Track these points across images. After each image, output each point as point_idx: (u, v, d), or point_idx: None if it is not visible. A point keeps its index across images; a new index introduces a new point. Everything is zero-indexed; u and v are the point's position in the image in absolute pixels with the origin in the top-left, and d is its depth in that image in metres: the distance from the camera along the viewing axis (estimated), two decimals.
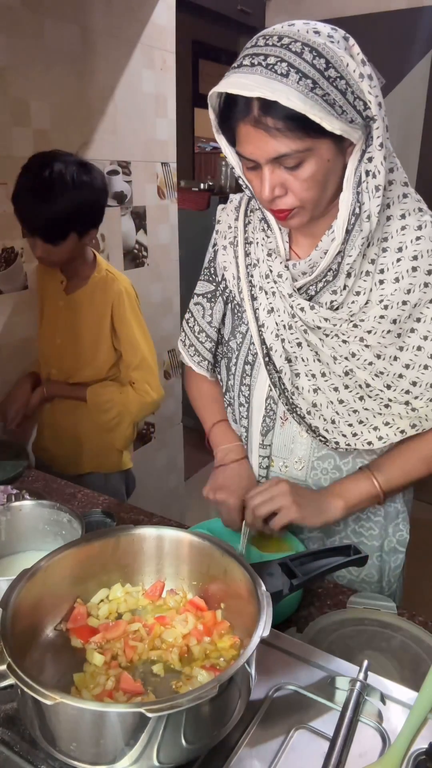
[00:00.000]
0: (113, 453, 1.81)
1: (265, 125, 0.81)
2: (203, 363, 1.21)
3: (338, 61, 0.80)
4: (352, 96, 0.81)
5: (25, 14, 1.70)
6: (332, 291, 0.97)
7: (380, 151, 0.86)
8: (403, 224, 0.94)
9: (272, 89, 0.78)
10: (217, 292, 1.16)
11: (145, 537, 0.87)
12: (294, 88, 0.78)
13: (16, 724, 0.74)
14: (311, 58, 0.79)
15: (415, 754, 0.67)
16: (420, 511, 2.92)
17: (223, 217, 1.13)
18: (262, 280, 1.03)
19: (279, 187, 0.87)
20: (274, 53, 0.80)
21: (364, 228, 0.90)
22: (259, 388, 1.09)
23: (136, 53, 2.12)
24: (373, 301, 0.95)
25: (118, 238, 2.23)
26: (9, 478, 1.44)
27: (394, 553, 1.17)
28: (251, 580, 0.75)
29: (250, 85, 0.79)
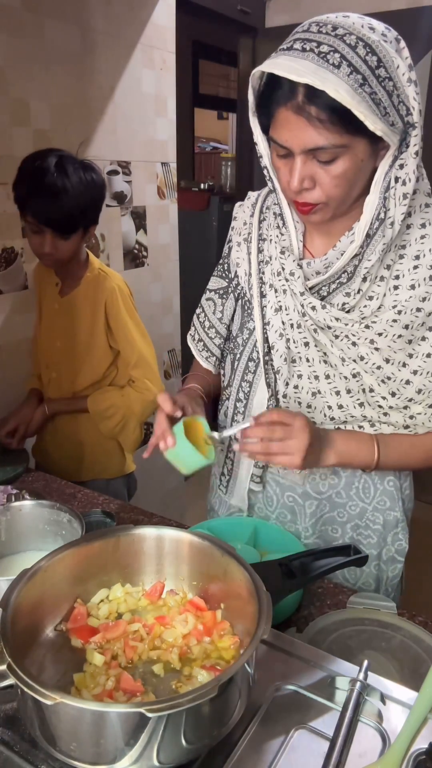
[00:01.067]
0: (116, 458, 1.79)
1: (307, 113, 0.79)
2: (211, 359, 1.21)
3: (389, 62, 0.80)
4: (397, 99, 0.81)
5: (25, 14, 1.70)
6: (345, 293, 0.96)
7: (414, 159, 0.85)
8: (423, 233, 0.93)
9: (322, 78, 0.76)
10: (229, 289, 1.15)
11: (145, 537, 0.87)
12: (344, 80, 0.77)
13: (16, 724, 0.74)
14: (364, 54, 0.78)
15: (415, 754, 0.67)
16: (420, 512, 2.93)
17: (239, 214, 1.12)
18: (273, 277, 1.03)
19: (308, 179, 0.86)
20: (327, 42, 0.78)
21: (387, 234, 0.90)
22: (262, 386, 1.08)
23: (136, 53, 2.12)
24: (386, 306, 0.94)
25: (118, 238, 2.23)
26: (9, 478, 1.44)
27: (392, 562, 1.16)
28: (251, 580, 0.75)
29: (300, 69, 0.77)
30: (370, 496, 1.12)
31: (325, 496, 1.11)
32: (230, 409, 1.16)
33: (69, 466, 1.74)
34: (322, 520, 1.13)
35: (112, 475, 1.81)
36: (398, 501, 1.13)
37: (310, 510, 1.12)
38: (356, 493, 1.11)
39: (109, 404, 1.66)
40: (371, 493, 1.11)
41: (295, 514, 1.14)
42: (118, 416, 1.67)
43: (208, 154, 4.35)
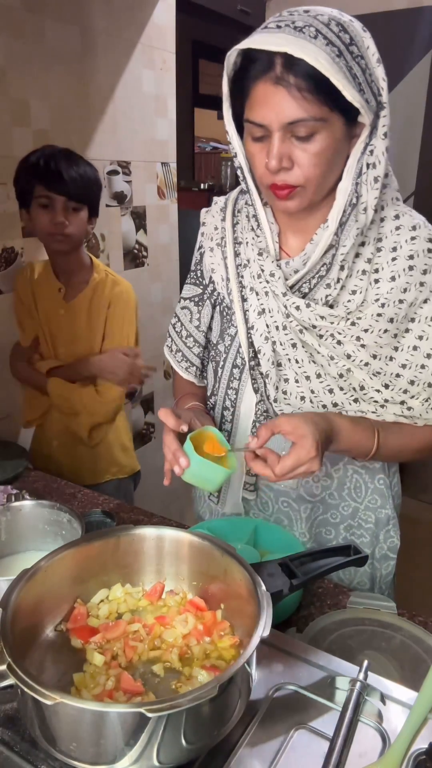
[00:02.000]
0: (124, 458, 1.80)
1: (286, 83, 0.80)
2: (191, 369, 1.18)
3: (360, 41, 0.81)
4: (369, 77, 0.82)
5: (25, 14, 1.70)
6: (326, 285, 0.95)
7: (383, 141, 0.86)
8: (397, 224, 0.94)
9: (300, 47, 0.77)
10: (204, 296, 1.12)
11: (145, 537, 0.87)
12: (322, 49, 0.78)
13: (16, 724, 0.74)
14: (337, 31, 0.80)
15: (415, 754, 0.67)
16: (420, 512, 2.93)
17: (208, 219, 1.10)
18: (253, 280, 1.01)
19: (286, 158, 0.85)
20: (301, 19, 0.80)
21: (360, 219, 0.90)
22: (249, 392, 1.07)
23: (136, 53, 2.12)
24: (369, 300, 0.95)
25: (118, 238, 2.23)
26: (9, 478, 1.43)
27: (385, 560, 1.16)
28: (251, 580, 0.75)
29: (277, 41, 0.79)
30: (361, 496, 1.12)
31: (318, 498, 1.11)
32: (217, 418, 1.13)
33: (81, 471, 1.74)
34: (317, 523, 1.13)
35: (126, 474, 1.82)
36: (389, 498, 1.14)
37: (305, 514, 1.12)
38: (348, 494, 1.11)
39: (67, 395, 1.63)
40: (363, 492, 1.12)
41: (290, 518, 1.13)
42: (69, 409, 1.65)
43: (208, 154, 4.34)
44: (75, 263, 1.64)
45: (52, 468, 1.71)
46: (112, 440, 1.76)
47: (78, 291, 1.65)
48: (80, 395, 1.63)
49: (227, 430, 1.12)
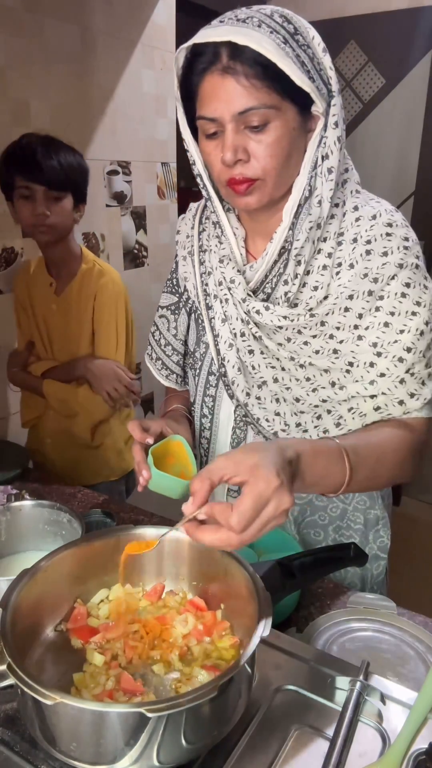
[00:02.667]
0: (116, 458, 1.78)
1: (234, 71, 0.79)
2: (171, 376, 1.18)
3: (305, 31, 0.82)
4: (318, 65, 0.82)
5: (25, 14, 1.70)
6: (284, 282, 0.93)
7: (335, 131, 0.86)
8: (357, 216, 0.92)
9: (244, 34, 0.77)
10: (180, 304, 1.12)
11: (145, 537, 0.87)
12: (267, 36, 0.77)
13: (16, 724, 0.74)
14: (281, 21, 0.80)
15: (415, 754, 0.67)
16: (420, 512, 2.93)
17: (182, 227, 1.10)
18: (216, 288, 1.00)
19: (242, 150, 0.83)
20: (244, 13, 0.80)
21: (313, 212, 0.88)
22: (227, 399, 1.06)
23: (136, 53, 2.12)
24: (332, 293, 0.92)
25: (118, 238, 2.23)
26: (9, 478, 1.44)
27: (375, 560, 1.15)
28: (251, 580, 0.75)
29: (220, 33, 0.79)
30: (349, 497, 1.10)
31: (306, 500, 1.10)
32: (197, 425, 1.12)
33: (74, 472, 1.72)
34: (305, 524, 1.12)
35: (117, 476, 1.79)
36: (377, 499, 1.12)
37: (293, 516, 1.11)
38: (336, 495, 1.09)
39: (64, 397, 1.61)
40: (350, 494, 1.09)
41: None
42: (67, 410, 1.63)
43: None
44: (64, 254, 1.60)
45: (47, 468, 1.72)
46: (109, 444, 1.73)
47: (67, 283, 1.63)
48: (76, 396, 1.60)
49: (206, 437, 1.11)
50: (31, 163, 1.43)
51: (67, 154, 1.49)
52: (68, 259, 1.62)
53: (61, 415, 1.64)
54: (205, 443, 1.12)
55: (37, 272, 1.66)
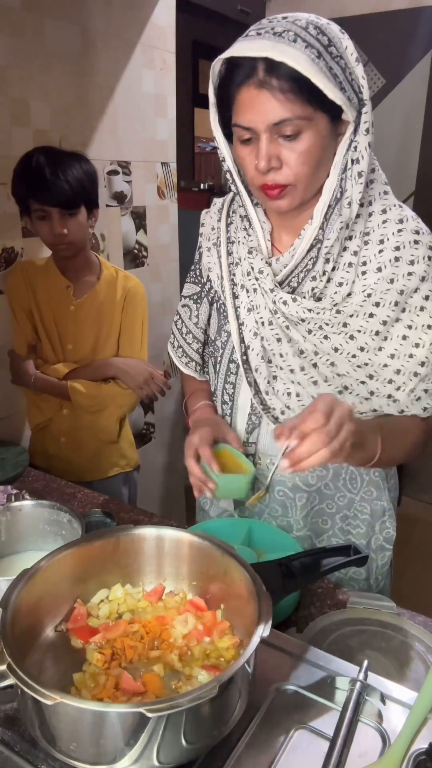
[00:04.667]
0: (129, 451, 1.85)
1: (270, 86, 0.83)
2: (191, 364, 1.24)
3: (338, 42, 0.85)
4: (350, 76, 0.85)
5: (25, 14, 1.70)
6: (312, 278, 0.98)
7: (366, 137, 0.89)
8: (384, 218, 0.96)
9: (280, 51, 0.81)
10: (202, 293, 1.17)
11: (145, 537, 0.87)
12: (302, 52, 0.81)
13: (16, 724, 0.74)
14: (315, 33, 0.83)
15: (415, 754, 0.67)
16: (420, 512, 2.93)
17: (206, 220, 1.15)
18: (243, 278, 1.04)
19: (275, 158, 0.88)
20: (280, 25, 0.83)
21: (344, 213, 0.92)
22: (245, 387, 1.09)
23: (136, 53, 2.12)
24: (356, 291, 0.97)
25: (118, 238, 2.23)
26: (9, 478, 1.44)
27: (381, 550, 1.18)
28: (251, 580, 0.75)
29: (257, 47, 0.82)
30: (357, 487, 1.13)
31: (314, 488, 1.12)
32: (220, 412, 1.17)
33: (90, 467, 1.77)
34: (313, 512, 1.14)
35: (132, 467, 1.87)
36: (384, 490, 1.15)
37: (300, 503, 1.13)
38: (344, 484, 1.12)
39: (95, 393, 1.67)
40: (358, 483, 1.13)
41: (286, 507, 1.14)
42: (96, 406, 1.68)
43: (208, 154, 4.33)
44: (82, 261, 1.67)
45: (57, 466, 1.73)
46: (124, 435, 1.82)
47: (88, 287, 1.68)
48: (106, 390, 1.68)
49: (228, 424, 1.14)
50: (42, 186, 1.46)
51: (74, 166, 1.50)
52: (86, 265, 1.69)
53: (88, 412, 1.68)
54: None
55: (47, 275, 1.68)
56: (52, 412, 1.72)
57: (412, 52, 2.75)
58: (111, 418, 1.72)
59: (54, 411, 1.72)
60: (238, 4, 2.89)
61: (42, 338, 1.70)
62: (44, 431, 1.77)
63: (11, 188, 1.54)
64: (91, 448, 1.76)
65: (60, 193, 1.47)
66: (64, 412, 1.71)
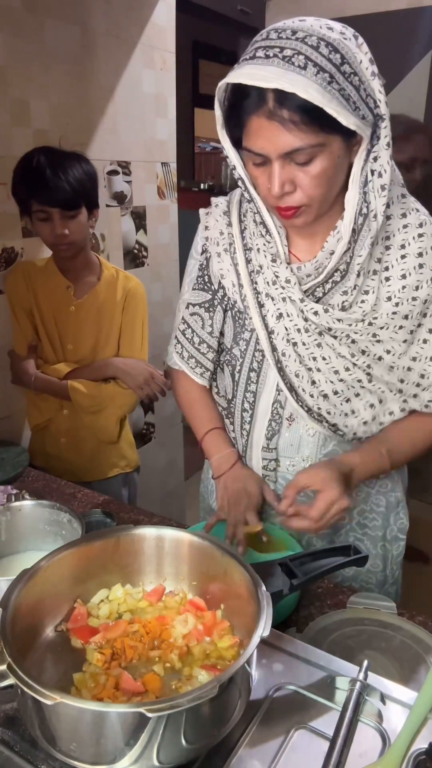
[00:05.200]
0: (129, 451, 1.85)
1: (280, 117, 0.80)
2: (206, 374, 1.17)
3: (352, 58, 0.80)
4: (364, 93, 0.82)
5: (25, 14, 1.70)
6: (342, 292, 0.97)
7: (387, 150, 0.87)
8: (404, 222, 0.95)
9: (290, 81, 0.77)
10: (215, 301, 1.12)
11: (145, 537, 0.87)
12: (312, 80, 0.77)
13: (16, 724, 0.74)
14: (327, 53, 0.78)
15: (415, 754, 0.67)
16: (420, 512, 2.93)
17: (211, 223, 1.09)
18: (268, 286, 1.02)
19: (288, 183, 0.86)
20: (290, 46, 0.79)
21: (372, 227, 0.91)
22: (266, 394, 1.09)
23: (136, 53, 2.12)
24: (381, 299, 0.96)
25: (118, 238, 2.23)
26: (9, 478, 1.44)
27: (395, 540, 1.20)
28: (251, 580, 0.75)
29: (267, 76, 0.78)
30: (373, 481, 1.15)
31: None
32: (237, 421, 1.15)
33: (90, 467, 1.77)
34: None
35: (132, 467, 1.87)
36: (398, 482, 1.18)
37: None
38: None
39: (95, 393, 1.67)
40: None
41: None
42: (96, 406, 1.68)
43: (208, 154, 4.33)
44: (83, 262, 1.67)
45: (57, 467, 1.73)
46: (125, 436, 1.82)
47: (89, 287, 1.68)
48: (106, 391, 1.68)
49: (246, 430, 1.14)
50: (43, 187, 1.46)
51: (74, 167, 1.49)
52: (86, 265, 1.68)
53: (88, 412, 1.68)
54: (245, 435, 1.15)
55: (47, 275, 1.67)
56: (52, 412, 1.72)
57: (412, 52, 2.75)
58: (111, 419, 1.72)
59: (54, 411, 1.72)
60: (238, 4, 2.89)
61: (42, 338, 1.70)
62: (44, 431, 1.76)
63: (11, 188, 1.53)
64: (90, 449, 1.75)
65: (61, 193, 1.46)
66: (64, 412, 1.71)
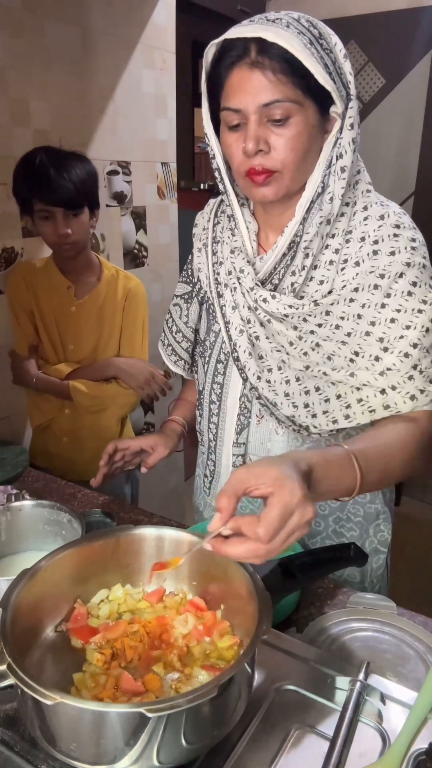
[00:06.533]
0: None
1: (261, 65, 0.84)
2: (180, 362, 1.25)
3: (328, 36, 0.87)
4: (339, 69, 0.87)
5: (25, 14, 1.70)
6: (291, 273, 0.97)
7: (350, 132, 0.90)
8: (365, 215, 0.96)
9: (274, 32, 0.83)
10: (193, 293, 1.18)
11: (145, 537, 0.87)
12: (295, 36, 0.82)
13: (16, 724, 0.74)
14: (307, 25, 0.85)
15: (415, 754, 0.67)
16: (420, 512, 2.93)
17: (200, 221, 1.15)
18: (226, 277, 1.05)
19: (263, 141, 0.87)
20: (273, 15, 0.86)
21: (324, 208, 0.92)
22: (233, 386, 1.09)
23: (136, 53, 2.12)
24: (336, 288, 0.96)
25: (118, 238, 2.23)
26: (9, 478, 1.43)
27: (375, 553, 1.17)
28: (251, 580, 0.75)
29: (251, 30, 0.83)
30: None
31: None
32: (206, 412, 1.16)
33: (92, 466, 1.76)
34: None
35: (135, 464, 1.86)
36: (378, 494, 1.14)
37: None
38: None
39: (97, 393, 1.67)
40: None
41: None
42: (98, 406, 1.69)
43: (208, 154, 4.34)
44: (83, 262, 1.67)
45: (59, 466, 1.73)
46: (126, 434, 1.83)
47: (89, 287, 1.69)
48: (108, 390, 1.69)
49: (214, 423, 1.14)
50: (47, 186, 1.46)
51: (77, 167, 1.50)
52: (87, 265, 1.69)
53: (89, 411, 1.68)
54: (213, 428, 1.15)
55: (47, 275, 1.67)
56: (53, 412, 1.72)
57: (412, 52, 2.75)
58: (112, 418, 1.72)
59: (56, 411, 1.72)
60: (238, 4, 2.89)
61: (43, 339, 1.70)
62: (46, 431, 1.77)
63: (12, 188, 1.53)
64: (93, 448, 1.74)
65: (64, 193, 1.46)
66: (66, 412, 1.71)
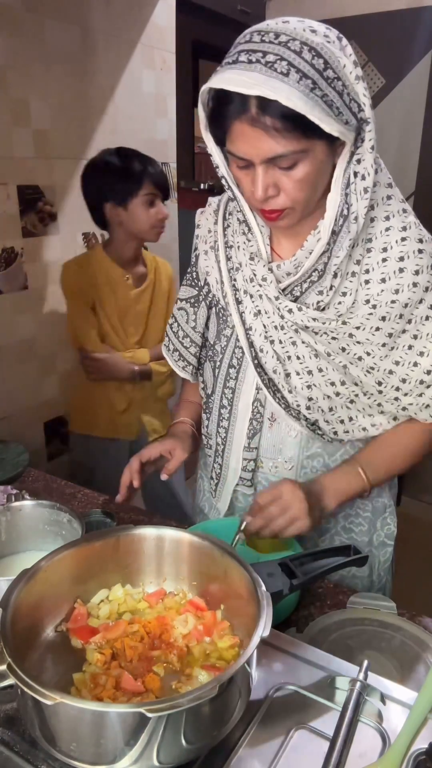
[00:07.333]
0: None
1: (263, 124, 0.80)
2: (188, 368, 1.20)
3: (336, 62, 0.79)
4: (348, 98, 0.81)
5: (26, 14, 1.70)
6: (318, 291, 0.96)
7: (371, 154, 0.87)
8: (387, 225, 0.94)
9: (273, 87, 0.76)
10: (200, 297, 1.14)
11: (145, 537, 0.87)
12: (295, 87, 0.76)
13: (16, 724, 0.74)
14: (310, 58, 0.77)
15: (415, 754, 0.67)
16: (420, 512, 2.93)
17: (202, 222, 1.12)
18: (246, 283, 1.03)
19: (272, 187, 0.86)
20: (272, 50, 0.78)
21: (352, 229, 0.90)
22: (246, 391, 1.08)
23: (136, 53, 2.12)
24: (359, 301, 0.96)
25: None
26: (9, 478, 1.43)
27: (383, 546, 1.19)
28: (251, 580, 0.75)
29: (248, 82, 0.77)
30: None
31: None
32: (215, 416, 1.15)
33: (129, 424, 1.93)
34: None
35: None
36: (385, 487, 1.16)
37: None
38: None
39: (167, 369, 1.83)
40: None
41: None
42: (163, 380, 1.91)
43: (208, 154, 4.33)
44: (138, 252, 1.82)
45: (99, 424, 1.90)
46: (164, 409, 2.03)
47: (142, 275, 1.84)
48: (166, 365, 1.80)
49: (224, 427, 1.14)
50: (154, 170, 1.66)
51: (155, 163, 1.72)
52: (140, 254, 1.84)
53: (162, 383, 1.90)
54: (222, 432, 1.14)
55: (105, 268, 1.77)
56: (135, 391, 1.87)
57: (412, 52, 2.75)
58: (170, 387, 1.95)
59: (137, 390, 1.88)
60: (238, 4, 2.89)
61: (106, 329, 1.81)
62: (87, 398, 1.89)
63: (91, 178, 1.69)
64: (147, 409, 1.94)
65: (163, 179, 1.72)
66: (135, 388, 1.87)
